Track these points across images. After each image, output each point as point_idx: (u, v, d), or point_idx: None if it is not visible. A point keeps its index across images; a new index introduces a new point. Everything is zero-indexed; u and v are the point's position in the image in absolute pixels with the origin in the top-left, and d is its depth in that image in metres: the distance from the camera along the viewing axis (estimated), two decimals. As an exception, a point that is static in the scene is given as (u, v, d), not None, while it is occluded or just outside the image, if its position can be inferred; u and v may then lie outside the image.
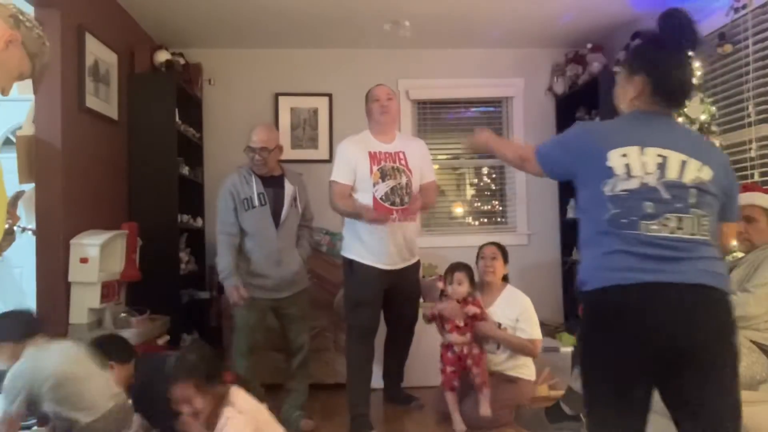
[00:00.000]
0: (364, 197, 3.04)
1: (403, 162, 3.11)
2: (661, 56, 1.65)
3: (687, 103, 1.92)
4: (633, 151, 1.58)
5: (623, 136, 1.61)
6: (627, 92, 1.71)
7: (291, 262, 3.11)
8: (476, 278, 3.13)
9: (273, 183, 3.11)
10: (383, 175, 3.04)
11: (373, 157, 3.07)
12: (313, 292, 3.29)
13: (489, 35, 4.51)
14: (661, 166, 1.55)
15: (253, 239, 3.06)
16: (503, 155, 1.94)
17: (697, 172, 1.56)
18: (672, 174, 1.55)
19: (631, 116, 1.69)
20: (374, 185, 3.03)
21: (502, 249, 3.24)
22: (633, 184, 1.55)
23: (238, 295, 2.95)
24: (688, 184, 1.54)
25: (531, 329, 3.04)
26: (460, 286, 2.99)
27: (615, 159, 1.58)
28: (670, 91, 1.66)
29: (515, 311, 3.06)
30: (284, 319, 3.17)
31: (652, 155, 1.57)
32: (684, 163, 1.56)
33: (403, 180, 3.07)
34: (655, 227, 1.52)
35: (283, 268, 3.07)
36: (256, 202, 3.04)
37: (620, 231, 1.54)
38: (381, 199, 3.02)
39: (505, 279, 3.24)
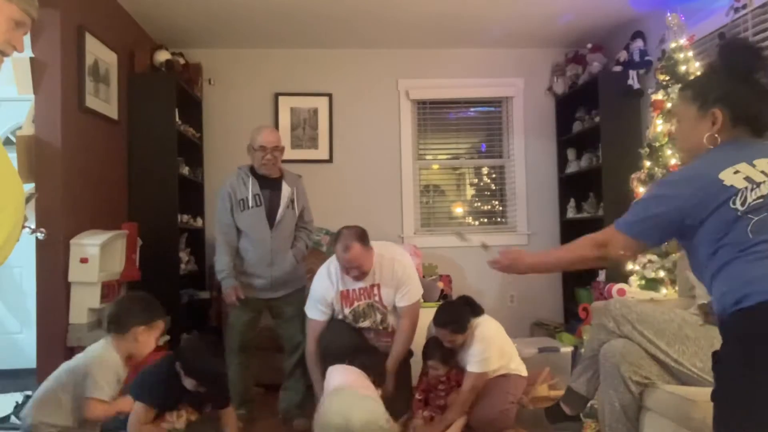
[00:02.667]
0: None
1: (377, 298, 2.94)
2: (737, 84, 1.54)
3: None
4: (742, 166, 1.45)
5: (723, 160, 1.47)
6: (701, 129, 1.56)
7: (284, 262, 3.13)
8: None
9: (270, 184, 3.12)
10: (356, 317, 2.96)
11: (345, 297, 2.94)
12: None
13: (489, 35, 4.51)
14: None
15: (247, 239, 3.09)
16: (569, 262, 1.73)
17: None
18: None
19: (719, 149, 1.54)
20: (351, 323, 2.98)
21: (453, 326, 2.82)
22: (764, 190, 1.41)
23: (236, 296, 3.01)
24: None
25: (471, 361, 2.82)
26: (437, 371, 2.92)
27: (730, 177, 1.44)
28: (753, 118, 1.54)
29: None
30: (279, 319, 3.21)
31: (764, 165, 1.45)
32: None
33: (378, 317, 2.97)
34: None
35: (275, 269, 3.10)
36: (251, 203, 3.06)
37: None
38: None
39: (475, 312, 2.94)
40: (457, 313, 2.87)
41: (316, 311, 2.97)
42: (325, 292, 2.95)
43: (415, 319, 3.00)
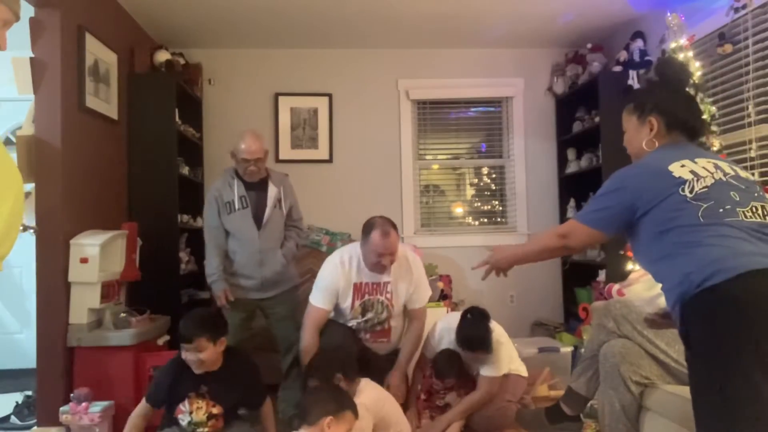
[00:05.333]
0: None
1: (388, 296, 2.94)
2: (669, 94, 1.79)
3: (703, 134, 1.98)
4: (686, 162, 1.63)
5: (669, 157, 1.65)
6: (641, 135, 1.79)
7: (274, 262, 3.16)
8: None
9: (256, 186, 3.16)
10: (364, 310, 2.94)
11: (357, 289, 2.92)
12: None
13: (489, 35, 4.51)
14: (717, 167, 1.62)
15: (236, 240, 3.14)
16: (537, 253, 1.87)
17: (743, 172, 1.66)
18: (730, 171, 1.62)
19: (662, 148, 1.74)
20: (351, 319, 2.95)
21: (485, 347, 2.80)
22: (707, 182, 1.58)
23: (225, 299, 3.09)
24: (748, 179, 1.64)
25: (485, 366, 2.86)
26: (448, 385, 2.93)
27: (678, 170, 1.61)
28: (683, 123, 1.75)
29: None
30: (271, 318, 3.25)
31: (704, 162, 1.63)
32: (730, 166, 1.66)
33: (383, 315, 2.96)
34: (749, 214, 1.53)
35: (265, 269, 3.14)
36: (237, 205, 3.11)
37: (723, 219, 1.51)
38: (351, 327, 2.97)
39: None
40: (483, 333, 2.81)
41: (322, 299, 2.90)
42: (336, 281, 2.90)
43: (424, 320, 3.07)
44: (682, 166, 1.61)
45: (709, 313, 1.44)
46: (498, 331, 2.95)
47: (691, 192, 1.56)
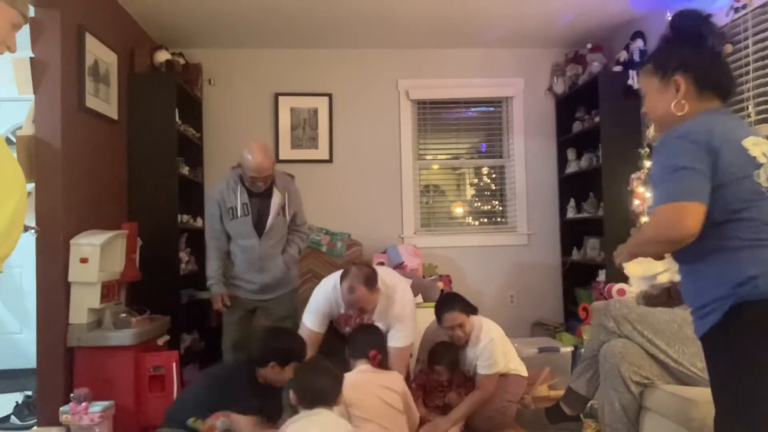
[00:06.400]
0: None
1: None
2: (692, 49, 1.55)
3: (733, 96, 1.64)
4: (756, 140, 1.43)
5: (736, 128, 1.45)
6: (667, 97, 1.54)
7: (273, 268, 3.17)
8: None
9: (259, 193, 3.14)
10: None
11: (342, 317, 2.96)
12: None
13: (489, 35, 4.51)
14: None
15: (237, 245, 3.16)
16: (640, 245, 1.53)
17: None
18: None
19: (712, 113, 1.49)
20: None
21: (461, 305, 2.94)
22: None
23: (222, 303, 3.15)
24: None
25: (482, 365, 2.91)
26: (441, 377, 2.98)
27: (752, 148, 1.40)
28: (715, 82, 1.52)
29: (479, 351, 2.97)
30: (271, 319, 3.27)
31: (766, 146, 1.43)
32: None
33: None
34: None
35: (265, 275, 3.17)
36: (240, 212, 3.10)
37: None
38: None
39: (471, 309, 3.02)
40: (460, 297, 3.03)
41: (312, 321, 2.92)
42: (326, 308, 2.93)
43: (404, 365, 2.88)
44: (755, 144, 1.41)
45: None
46: (490, 326, 3.00)
47: (766, 181, 1.39)
